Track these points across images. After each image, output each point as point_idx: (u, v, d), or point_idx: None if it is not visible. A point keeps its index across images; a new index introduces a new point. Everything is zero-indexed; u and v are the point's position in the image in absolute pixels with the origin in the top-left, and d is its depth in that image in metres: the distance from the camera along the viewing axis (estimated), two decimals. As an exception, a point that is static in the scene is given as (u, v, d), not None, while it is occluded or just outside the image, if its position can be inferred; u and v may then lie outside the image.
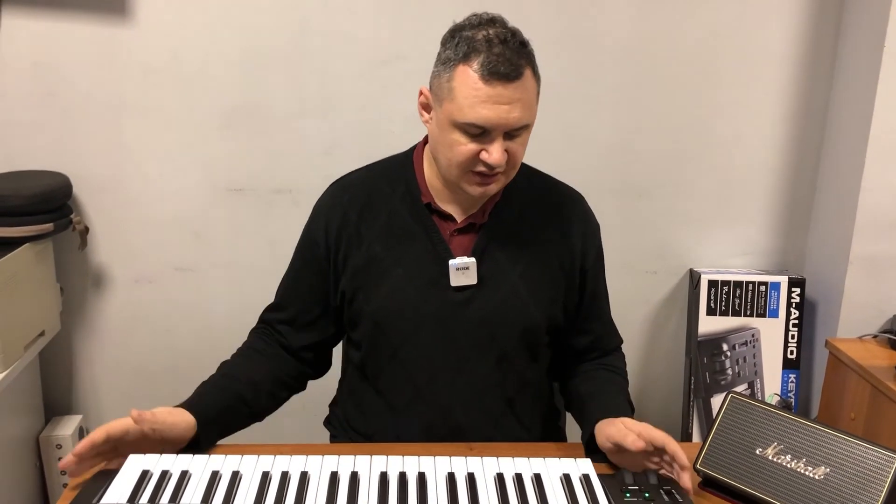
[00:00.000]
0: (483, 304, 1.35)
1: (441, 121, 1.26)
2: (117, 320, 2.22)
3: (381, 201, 1.38)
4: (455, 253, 1.35)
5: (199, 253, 2.19)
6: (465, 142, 1.23)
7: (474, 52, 1.20)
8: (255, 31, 2.05)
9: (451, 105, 1.22)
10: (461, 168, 1.26)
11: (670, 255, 2.31)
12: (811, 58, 2.18)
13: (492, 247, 1.36)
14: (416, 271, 1.35)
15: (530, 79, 1.23)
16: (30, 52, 2.00)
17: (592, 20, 2.12)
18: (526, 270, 1.37)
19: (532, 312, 1.36)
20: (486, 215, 1.37)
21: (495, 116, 1.20)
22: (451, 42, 1.23)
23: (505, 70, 1.18)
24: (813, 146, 2.24)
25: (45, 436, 2.13)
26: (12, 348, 1.84)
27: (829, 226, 2.20)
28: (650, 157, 2.23)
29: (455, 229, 1.36)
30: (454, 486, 1.10)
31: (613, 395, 1.37)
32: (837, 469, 1.12)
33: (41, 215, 1.92)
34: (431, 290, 1.34)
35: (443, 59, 1.25)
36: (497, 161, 1.22)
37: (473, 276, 1.34)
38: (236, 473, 1.11)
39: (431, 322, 1.35)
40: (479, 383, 1.37)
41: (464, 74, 1.20)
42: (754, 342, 2.22)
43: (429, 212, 1.36)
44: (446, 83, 1.23)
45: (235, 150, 2.13)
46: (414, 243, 1.35)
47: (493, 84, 1.19)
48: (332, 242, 1.38)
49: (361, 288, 1.36)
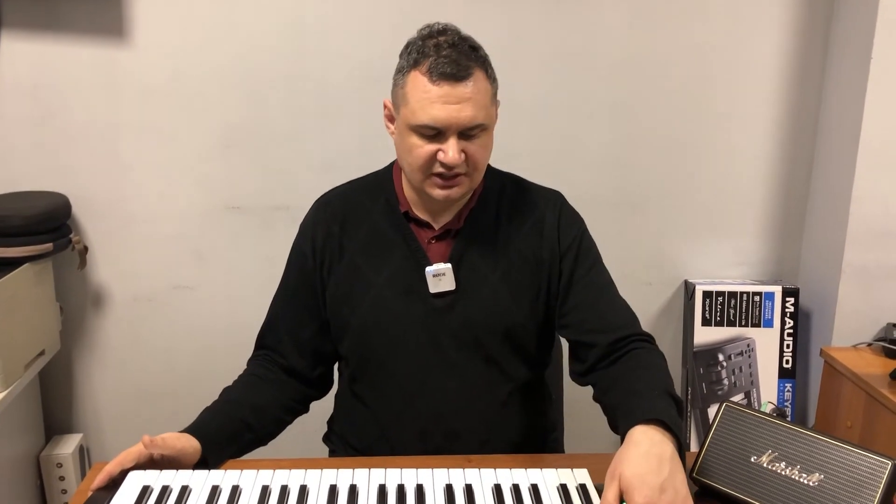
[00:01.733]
0: (463, 308, 1.36)
1: (400, 127, 1.30)
2: (117, 339, 2.23)
3: (362, 214, 1.41)
4: (433, 260, 1.37)
5: (198, 271, 2.21)
6: (421, 144, 1.26)
7: (424, 57, 1.24)
8: (252, 50, 2.08)
9: (405, 110, 1.26)
10: (422, 171, 1.28)
11: (665, 267, 2.33)
12: (801, 69, 2.21)
13: (469, 252, 1.37)
14: (396, 280, 1.36)
15: (482, 80, 1.26)
16: (29, 74, 2.03)
17: (586, 36, 2.14)
18: (505, 272, 1.38)
19: (514, 313, 1.37)
20: (462, 221, 1.38)
21: (445, 115, 1.23)
22: (405, 51, 1.29)
23: (452, 70, 1.22)
24: (804, 157, 2.27)
25: (45, 455, 2.14)
26: (13, 367, 1.85)
27: (822, 235, 2.22)
28: (644, 170, 2.25)
29: (432, 237, 1.38)
30: (452, 497, 1.11)
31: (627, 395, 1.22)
32: (831, 475, 1.14)
33: (41, 235, 1.94)
34: (412, 297, 1.36)
35: (398, 69, 1.29)
36: (452, 160, 1.24)
37: (451, 282, 1.36)
38: (236, 488, 1.12)
39: (415, 330, 1.36)
40: (470, 387, 1.38)
41: (415, 79, 1.25)
42: (750, 352, 2.24)
43: (406, 220, 1.39)
44: (400, 90, 1.28)
45: (234, 169, 2.15)
46: (393, 252, 1.38)
47: (441, 84, 1.22)
48: (319, 256, 1.40)
49: (345, 300, 1.38)
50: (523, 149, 2.15)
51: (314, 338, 1.43)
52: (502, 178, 1.46)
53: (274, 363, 1.43)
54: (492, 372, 1.39)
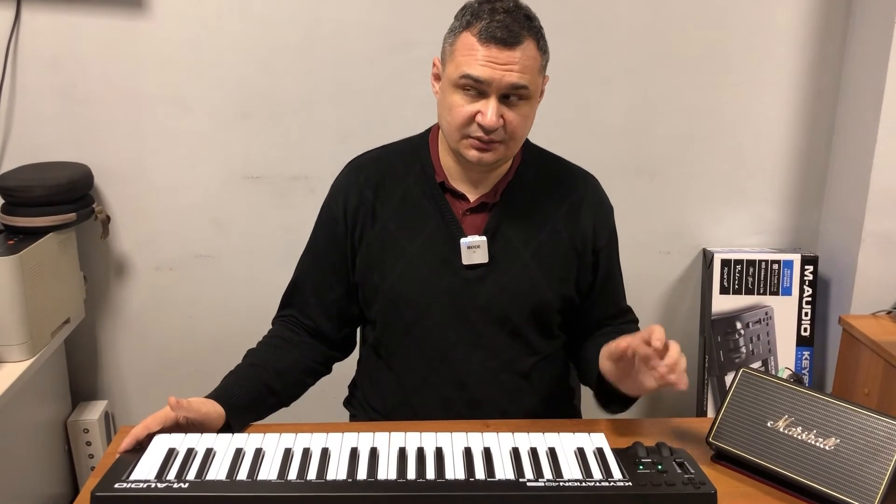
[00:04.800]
0: (494, 282, 1.37)
1: (444, 85, 1.30)
2: (139, 307, 2.27)
3: (395, 180, 1.40)
4: (467, 232, 1.37)
5: (218, 240, 2.23)
6: (462, 103, 1.26)
7: (477, 19, 1.24)
8: (270, 20, 2.07)
9: (450, 66, 1.27)
10: (459, 130, 1.28)
11: (683, 235, 2.33)
12: (822, 36, 2.18)
13: (503, 226, 1.38)
14: (428, 249, 1.37)
15: (532, 49, 1.25)
16: (50, 46, 2.04)
17: (605, 3, 2.12)
18: (538, 249, 1.38)
19: (544, 291, 1.39)
20: (498, 195, 1.39)
21: (488, 74, 1.23)
22: (460, 13, 1.28)
23: (502, 35, 1.22)
24: (825, 124, 2.24)
25: (72, 420, 2.19)
26: (39, 335, 1.89)
27: (842, 203, 2.21)
28: (663, 138, 2.24)
29: (467, 208, 1.38)
30: (471, 459, 1.13)
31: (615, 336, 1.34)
32: (847, 440, 1.14)
33: (64, 205, 1.96)
34: (444, 268, 1.37)
35: (450, 29, 1.29)
36: (490, 123, 1.24)
37: (485, 255, 1.36)
38: (259, 450, 1.14)
39: (444, 300, 1.37)
40: (494, 358, 1.40)
41: (465, 39, 1.25)
42: (768, 320, 2.24)
43: (442, 191, 1.39)
44: (449, 47, 1.28)
45: (252, 139, 2.16)
46: (427, 222, 1.38)
47: (490, 47, 1.22)
48: (350, 220, 1.40)
49: (376, 266, 1.39)
50: (540, 115, 2.14)
51: (340, 300, 1.44)
52: (541, 155, 1.46)
53: (299, 324, 1.45)
54: (516, 345, 1.41)
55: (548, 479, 1.09)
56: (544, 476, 1.10)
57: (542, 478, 1.09)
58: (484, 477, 1.09)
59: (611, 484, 1.08)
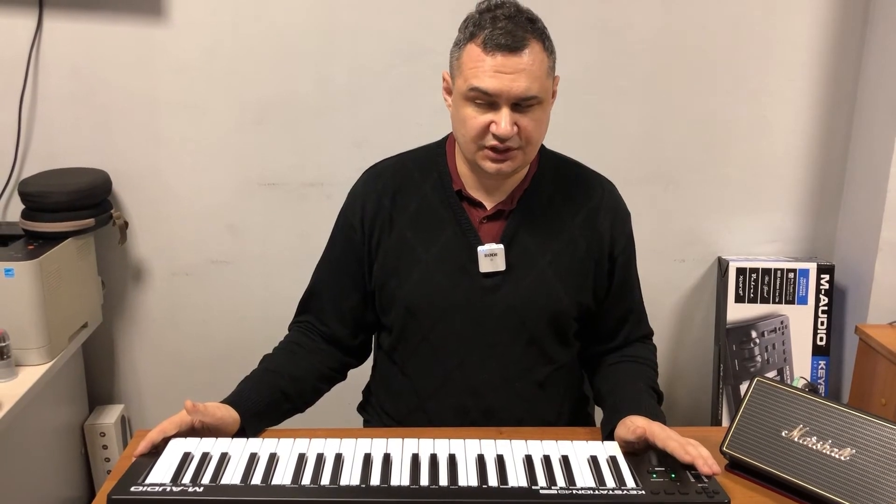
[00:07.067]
0: (512, 290, 1.37)
1: (455, 99, 1.30)
2: (156, 312, 2.28)
3: (412, 188, 1.41)
4: (484, 240, 1.37)
5: (234, 246, 2.24)
6: (475, 115, 1.26)
7: (480, 29, 1.24)
8: (286, 27, 2.09)
9: (459, 80, 1.27)
10: (474, 142, 1.28)
11: (699, 243, 2.32)
12: (839, 43, 2.17)
13: (521, 233, 1.38)
14: (445, 257, 1.37)
15: (538, 52, 1.25)
16: (70, 53, 2.06)
17: (621, 12, 2.13)
18: (555, 257, 1.38)
19: (561, 298, 1.38)
20: (515, 202, 1.39)
21: (497, 85, 1.23)
22: (463, 25, 1.29)
23: (506, 41, 1.22)
24: (841, 132, 2.23)
25: (89, 424, 2.21)
26: (57, 339, 1.91)
27: (859, 212, 2.19)
28: (678, 146, 2.24)
29: (484, 216, 1.39)
30: (484, 466, 1.13)
31: (630, 391, 1.36)
32: (863, 450, 1.14)
33: (83, 211, 1.98)
34: (461, 276, 1.37)
35: (455, 42, 1.30)
36: (504, 132, 1.24)
37: (502, 263, 1.36)
38: (273, 455, 1.15)
39: (461, 307, 1.37)
40: (510, 366, 1.40)
41: (470, 51, 1.25)
42: (783, 329, 2.22)
43: (459, 199, 1.39)
44: (456, 61, 1.29)
45: (268, 145, 2.17)
46: (444, 229, 1.38)
47: (495, 55, 1.22)
48: (368, 227, 1.41)
49: (393, 273, 1.39)
50: (555, 123, 2.14)
51: (357, 307, 1.45)
52: (557, 161, 1.46)
53: (315, 331, 1.46)
54: (532, 354, 1.41)
55: (561, 486, 1.09)
56: (557, 484, 1.10)
57: (555, 485, 1.09)
58: (497, 484, 1.09)
59: (624, 492, 1.09)
